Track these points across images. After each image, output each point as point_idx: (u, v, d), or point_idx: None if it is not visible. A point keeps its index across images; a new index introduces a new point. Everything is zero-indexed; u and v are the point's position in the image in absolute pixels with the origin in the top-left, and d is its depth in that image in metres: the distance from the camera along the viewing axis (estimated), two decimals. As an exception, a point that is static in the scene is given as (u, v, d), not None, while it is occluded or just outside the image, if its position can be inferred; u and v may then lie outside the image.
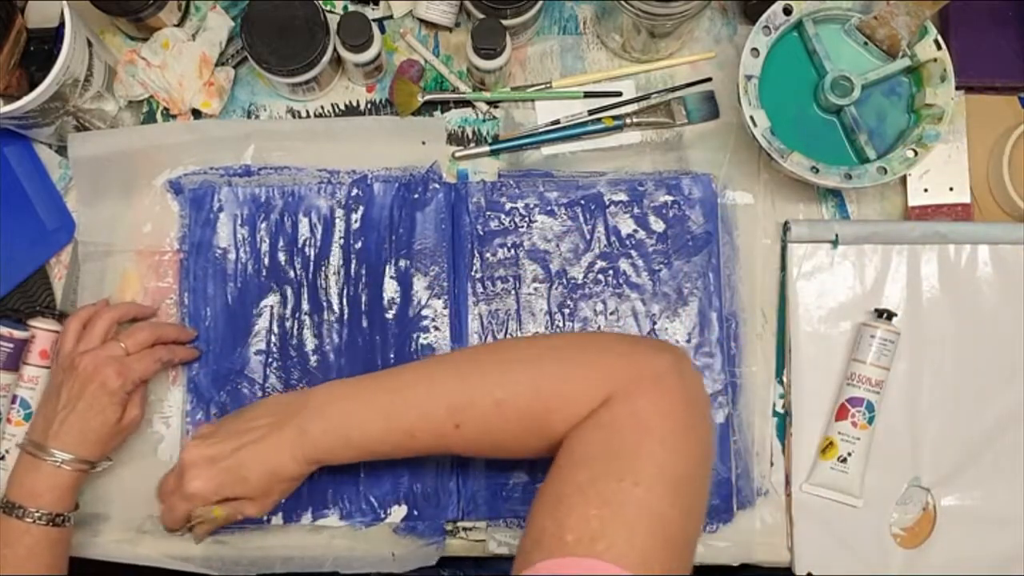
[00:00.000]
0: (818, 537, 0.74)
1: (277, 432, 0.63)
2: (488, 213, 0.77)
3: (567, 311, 0.76)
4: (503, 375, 0.60)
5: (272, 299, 0.76)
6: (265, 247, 0.76)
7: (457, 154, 0.78)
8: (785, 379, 0.76)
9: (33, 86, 0.68)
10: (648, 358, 0.59)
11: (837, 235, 0.76)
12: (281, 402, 0.66)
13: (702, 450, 0.57)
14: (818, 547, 0.74)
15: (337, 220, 0.77)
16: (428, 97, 0.78)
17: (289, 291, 0.76)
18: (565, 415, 0.57)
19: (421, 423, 0.61)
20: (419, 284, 0.76)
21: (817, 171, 0.71)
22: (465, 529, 0.75)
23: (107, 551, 0.73)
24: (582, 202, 0.77)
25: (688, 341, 0.75)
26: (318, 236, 0.77)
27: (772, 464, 0.76)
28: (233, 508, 0.65)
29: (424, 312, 0.75)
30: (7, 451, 0.73)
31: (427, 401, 0.61)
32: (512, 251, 0.77)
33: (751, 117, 0.72)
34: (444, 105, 0.79)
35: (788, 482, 0.75)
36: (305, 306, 0.76)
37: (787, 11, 0.73)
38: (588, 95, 0.79)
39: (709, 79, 0.80)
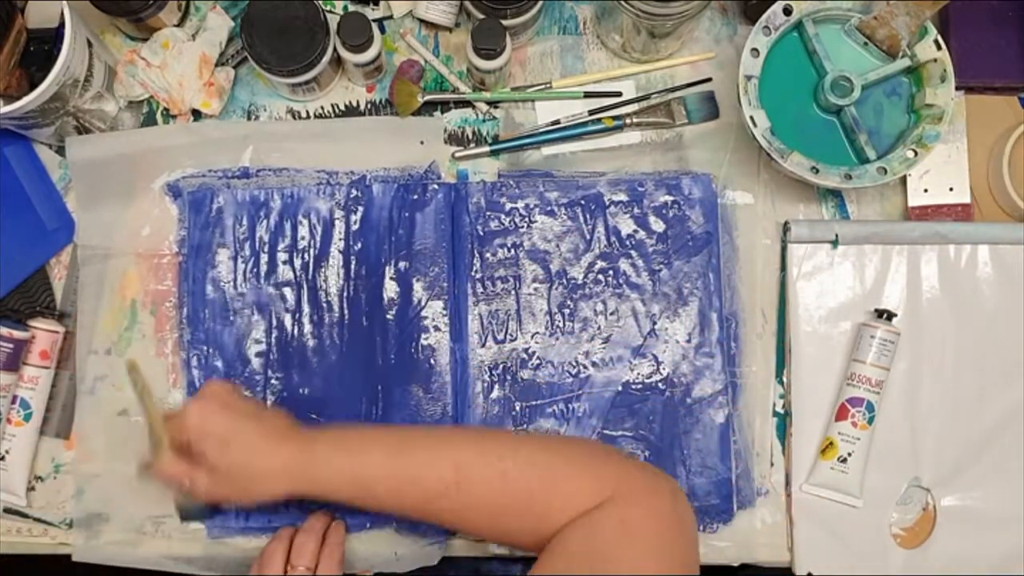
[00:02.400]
0: (818, 537, 0.74)
1: (285, 438, 0.63)
2: (488, 213, 0.77)
3: (567, 311, 0.76)
4: (515, 451, 0.61)
5: (272, 301, 0.76)
6: (264, 249, 0.76)
7: (457, 154, 0.78)
8: (785, 379, 0.76)
9: (33, 86, 0.68)
10: (648, 476, 0.61)
11: (837, 235, 0.76)
12: (295, 422, 0.67)
13: (685, 570, 0.58)
14: (818, 547, 0.74)
15: (336, 221, 0.77)
16: (428, 97, 0.78)
17: (289, 292, 0.76)
18: (563, 507, 0.58)
19: (425, 470, 0.61)
20: (419, 285, 0.76)
21: (817, 171, 0.71)
22: (465, 529, 0.75)
23: (107, 553, 0.73)
24: (582, 202, 0.77)
25: (688, 341, 0.76)
26: (317, 237, 0.77)
27: (772, 464, 0.76)
28: (186, 469, 0.64)
29: (424, 313, 0.75)
30: (7, 451, 0.73)
31: (436, 452, 0.62)
32: (512, 251, 0.77)
33: (751, 117, 0.72)
34: (444, 105, 0.79)
35: (788, 482, 0.75)
36: (305, 307, 0.76)
37: (787, 11, 0.73)
38: (588, 95, 0.79)
39: (709, 79, 0.80)
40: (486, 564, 0.83)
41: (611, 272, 0.76)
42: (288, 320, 0.76)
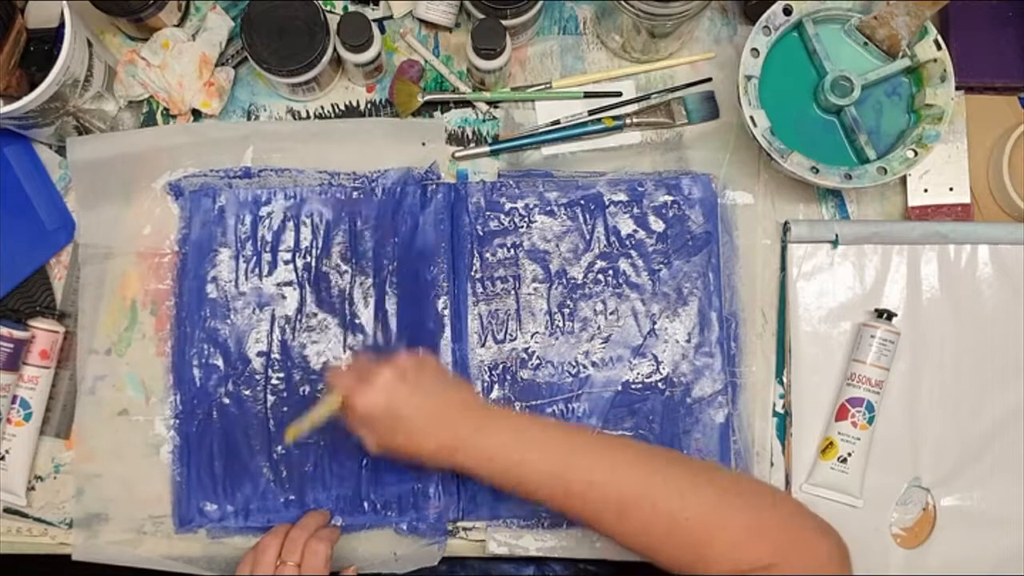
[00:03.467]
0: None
1: (450, 420, 0.63)
2: (488, 213, 0.77)
3: (567, 311, 0.76)
4: (684, 495, 0.59)
5: (273, 301, 0.76)
6: (266, 248, 0.76)
7: (457, 154, 0.78)
8: (785, 379, 0.76)
9: (33, 86, 0.68)
10: (812, 538, 0.59)
11: (837, 235, 0.76)
12: (472, 397, 0.67)
13: None
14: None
15: (337, 222, 0.77)
16: (428, 97, 0.78)
17: (290, 293, 0.76)
18: (719, 558, 0.57)
19: (588, 491, 0.60)
20: (419, 284, 0.76)
21: (817, 171, 0.71)
22: (465, 529, 0.75)
23: (107, 552, 0.73)
24: (582, 202, 0.77)
25: (688, 341, 0.76)
26: (319, 237, 0.77)
27: (772, 464, 0.76)
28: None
29: (424, 313, 0.75)
30: (7, 451, 0.73)
31: (604, 475, 0.60)
32: (512, 251, 0.77)
33: (751, 117, 0.72)
34: (444, 105, 0.79)
35: (788, 482, 0.75)
36: (306, 308, 0.76)
37: (787, 11, 0.73)
38: (588, 95, 0.79)
39: (709, 79, 0.80)
40: (496, 565, 0.82)
41: (611, 272, 0.76)
42: (289, 320, 0.76)
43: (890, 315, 0.74)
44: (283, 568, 0.66)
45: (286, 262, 0.76)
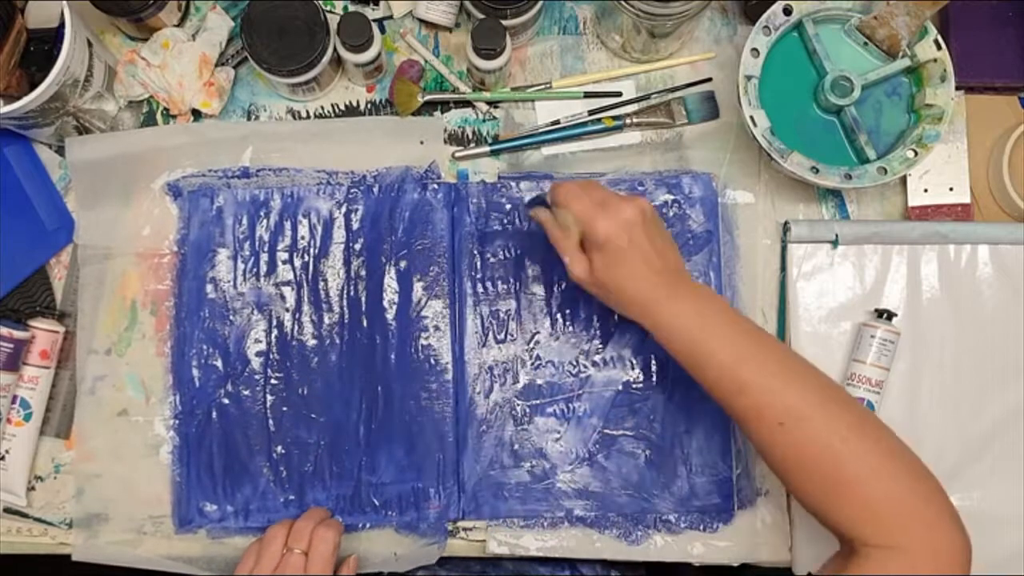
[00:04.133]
0: (818, 537, 0.73)
1: (667, 283, 0.64)
2: (489, 213, 0.77)
3: (567, 311, 0.76)
4: (851, 436, 0.59)
5: (272, 300, 0.76)
6: (264, 248, 0.76)
7: (457, 154, 0.78)
8: (785, 379, 0.76)
9: (33, 86, 0.68)
10: (954, 530, 0.57)
11: (837, 235, 0.76)
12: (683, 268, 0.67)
13: None
14: (818, 547, 0.73)
15: (336, 221, 0.77)
16: (428, 97, 0.78)
17: (288, 292, 0.76)
18: (853, 518, 0.58)
19: (762, 397, 0.60)
20: (419, 285, 0.76)
21: (817, 171, 0.71)
22: (465, 529, 0.75)
23: (107, 553, 0.73)
24: (582, 202, 0.77)
25: (688, 341, 0.76)
26: (317, 237, 0.77)
27: (772, 464, 0.76)
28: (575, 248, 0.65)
29: (424, 313, 0.76)
30: (7, 451, 0.73)
31: (780, 386, 0.60)
32: (513, 251, 0.77)
33: (751, 117, 0.72)
34: (444, 105, 0.79)
35: (788, 482, 0.75)
36: (305, 307, 0.76)
37: (787, 11, 0.73)
38: (588, 95, 0.79)
39: (709, 79, 0.80)
40: (533, 566, 0.82)
41: (611, 272, 0.76)
42: (288, 320, 0.76)
43: (890, 315, 0.74)
44: (289, 556, 0.66)
45: (284, 262, 0.76)
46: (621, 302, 0.65)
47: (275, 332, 0.76)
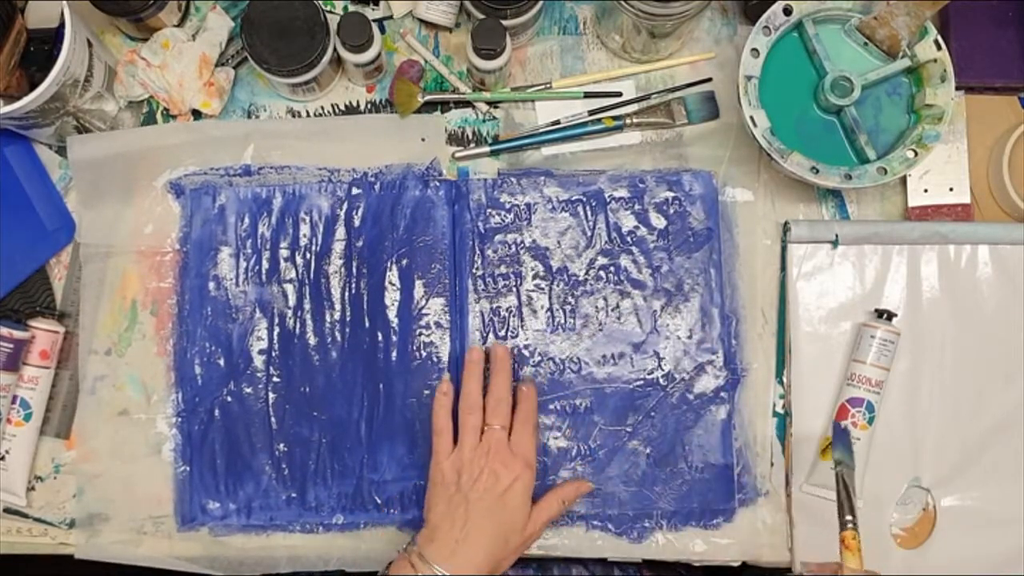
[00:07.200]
0: (818, 537, 0.74)
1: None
2: (489, 210, 0.77)
3: (568, 308, 0.76)
4: None
5: (274, 298, 0.76)
6: (266, 246, 0.76)
7: (457, 154, 0.78)
8: (785, 379, 0.76)
9: (33, 86, 0.68)
10: None
11: (837, 235, 0.76)
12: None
13: None
14: (818, 547, 0.74)
15: (338, 218, 0.77)
16: (428, 97, 0.78)
17: (291, 290, 0.76)
18: None
19: None
20: (420, 282, 0.76)
21: (817, 171, 0.71)
22: (466, 529, 0.75)
23: (108, 552, 0.74)
24: (583, 199, 0.77)
25: (690, 337, 0.76)
26: (319, 235, 0.77)
27: (772, 464, 0.76)
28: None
29: (425, 310, 0.76)
30: (7, 451, 0.73)
31: None
32: (513, 248, 0.77)
33: (751, 117, 0.72)
34: (444, 105, 0.79)
35: (788, 482, 0.75)
36: (307, 305, 0.76)
37: (787, 11, 0.73)
38: (588, 95, 0.79)
39: (709, 79, 0.80)
40: (568, 567, 0.82)
41: (612, 268, 0.76)
42: (290, 317, 0.76)
43: (890, 315, 0.75)
44: (491, 433, 0.69)
45: (286, 259, 0.76)
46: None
47: (277, 330, 0.76)
